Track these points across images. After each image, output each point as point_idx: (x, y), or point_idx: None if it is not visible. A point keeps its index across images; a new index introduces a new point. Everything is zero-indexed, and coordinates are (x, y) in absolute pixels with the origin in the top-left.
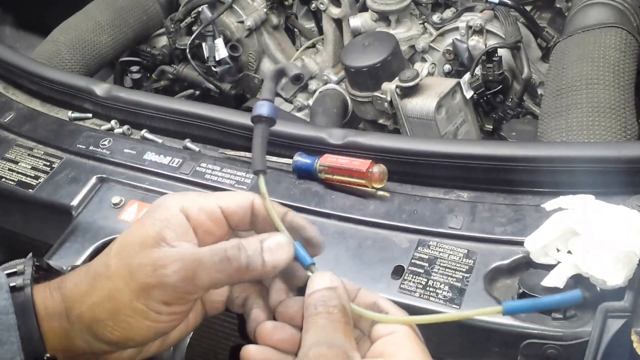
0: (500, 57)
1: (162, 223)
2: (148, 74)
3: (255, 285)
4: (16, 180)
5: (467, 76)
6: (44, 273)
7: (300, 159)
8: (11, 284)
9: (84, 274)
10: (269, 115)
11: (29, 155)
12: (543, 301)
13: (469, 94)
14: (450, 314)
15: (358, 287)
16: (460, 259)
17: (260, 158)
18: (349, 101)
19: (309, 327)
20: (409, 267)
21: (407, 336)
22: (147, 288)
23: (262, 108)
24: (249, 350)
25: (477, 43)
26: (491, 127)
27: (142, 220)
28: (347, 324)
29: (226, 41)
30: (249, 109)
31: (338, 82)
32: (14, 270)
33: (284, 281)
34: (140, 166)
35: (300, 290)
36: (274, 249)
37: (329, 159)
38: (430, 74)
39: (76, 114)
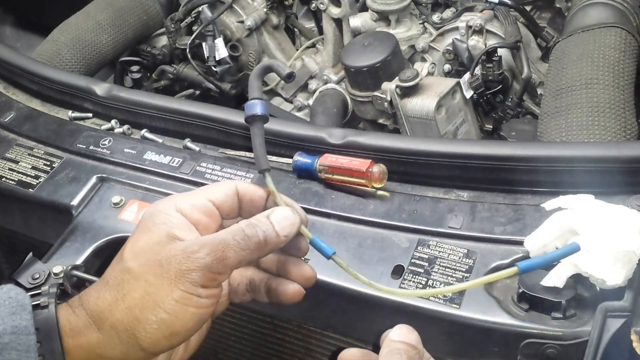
0: (500, 57)
1: (166, 224)
2: (148, 74)
3: (249, 269)
4: (16, 179)
5: (467, 76)
6: (64, 294)
7: (300, 158)
8: (34, 303)
9: (103, 286)
10: (262, 114)
11: (29, 154)
12: (551, 255)
13: (468, 93)
14: (466, 283)
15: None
16: (460, 258)
17: (262, 157)
18: (349, 101)
19: None
20: (409, 267)
21: None
22: (184, 274)
23: (255, 107)
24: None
25: (477, 43)
26: (491, 126)
27: (144, 227)
28: None
29: (226, 41)
30: None
31: (338, 82)
32: (39, 291)
33: (289, 253)
34: (140, 166)
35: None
36: (281, 220)
37: (329, 159)
38: (430, 73)
39: (76, 114)
